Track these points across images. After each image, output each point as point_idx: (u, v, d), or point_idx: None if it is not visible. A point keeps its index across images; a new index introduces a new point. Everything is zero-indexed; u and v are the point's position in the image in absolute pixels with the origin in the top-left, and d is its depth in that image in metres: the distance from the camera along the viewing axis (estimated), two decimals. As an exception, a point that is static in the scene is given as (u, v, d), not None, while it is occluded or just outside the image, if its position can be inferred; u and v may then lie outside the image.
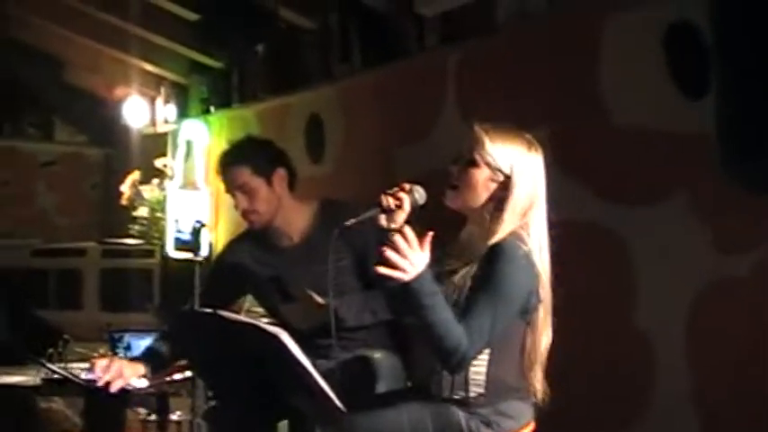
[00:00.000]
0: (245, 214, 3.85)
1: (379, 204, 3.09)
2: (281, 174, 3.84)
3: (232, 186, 3.85)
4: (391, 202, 3.09)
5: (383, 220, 3.09)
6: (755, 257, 3.78)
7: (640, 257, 4.27)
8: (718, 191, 3.68)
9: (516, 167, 3.10)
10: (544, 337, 3.11)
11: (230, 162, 3.88)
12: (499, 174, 3.07)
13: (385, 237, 3.01)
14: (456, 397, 3.05)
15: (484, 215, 3.10)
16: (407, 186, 3.12)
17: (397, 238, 2.77)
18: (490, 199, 3.09)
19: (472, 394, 3.05)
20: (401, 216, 3.10)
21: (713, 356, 3.94)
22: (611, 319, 4.36)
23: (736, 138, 3.25)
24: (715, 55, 3.34)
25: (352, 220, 3.05)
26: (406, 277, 2.75)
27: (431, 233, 2.87)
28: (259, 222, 3.85)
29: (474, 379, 3.04)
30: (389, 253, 2.74)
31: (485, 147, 3.08)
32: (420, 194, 3.12)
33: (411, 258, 2.77)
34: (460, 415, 3.02)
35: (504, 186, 3.09)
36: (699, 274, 4.00)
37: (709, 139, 3.37)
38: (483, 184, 3.08)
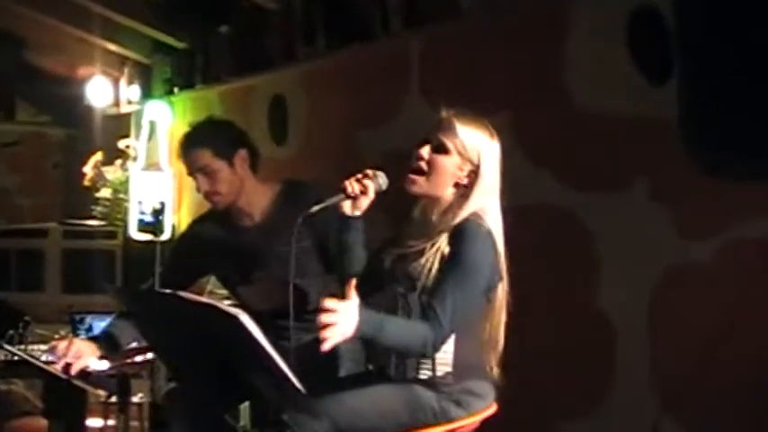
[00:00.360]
0: (207, 196, 3.82)
1: (344, 190, 3.09)
2: (242, 155, 3.81)
3: (193, 168, 3.81)
4: (356, 187, 3.09)
5: (347, 206, 3.10)
6: (717, 243, 3.81)
7: (603, 242, 4.29)
8: (681, 176, 3.70)
9: (483, 155, 3.11)
10: (503, 315, 3.12)
11: (191, 144, 3.83)
12: (468, 162, 3.08)
13: (346, 221, 3.05)
14: (423, 377, 3.05)
15: (444, 198, 3.10)
16: (371, 172, 3.12)
17: (327, 304, 2.75)
18: (455, 185, 3.10)
19: (440, 373, 3.05)
20: (365, 202, 3.12)
21: (675, 340, 3.97)
22: (573, 303, 4.38)
23: (697, 123, 3.26)
24: (677, 40, 3.35)
25: (317, 207, 3.06)
26: (350, 335, 2.77)
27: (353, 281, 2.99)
28: (222, 203, 3.82)
29: (441, 358, 3.04)
30: (325, 318, 2.73)
31: (457, 134, 3.08)
32: (383, 180, 3.13)
33: (345, 316, 2.76)
34: (429, 395, 3.02)
35: (471, 173, 3.10)
36: (661, 258, 4.03)
37: (671, 125, 3.39)
38: (452, 172, 3.08)
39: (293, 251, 3.01)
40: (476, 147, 3.10)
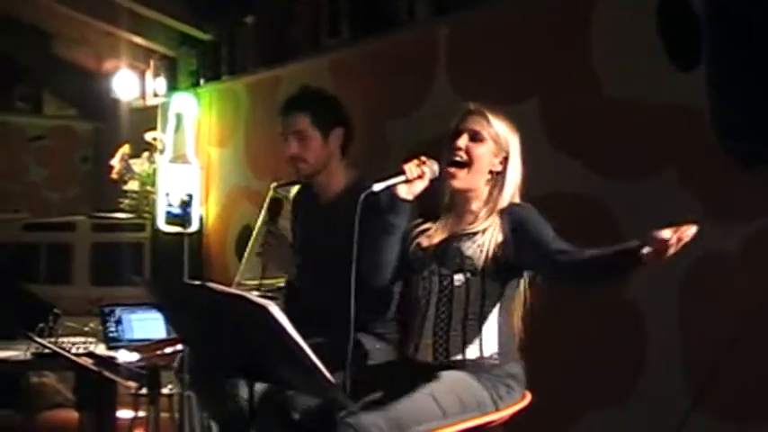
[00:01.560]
0: (292, 160, 3.85)
1: (403, 173, 3.12)
2: (338, 133, 3.86)
3: (289, 131, 3.85)
4: (415, 171, 3.12)
5: (403, 189, 3.12)
6: (746, 230, 3.78)
7: (631, 230, 4.24)
8: (709, 163, 3.67)
9: (510, 142, 3.22)
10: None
11: (293, 107, 3.88)
12: (501, 150, 3.15)
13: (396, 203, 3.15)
14: (470, 357, 3.06)
15: (481, 188, 3.17)
16: (424, 159, 3.15)
17: None
18: (489, 173, 3.18)
19: (486, 354, 3.07)
20: (419, 186, 3.15)
21: (704, 328, 3.94)
22: (603, 293, 4.35)
23: (727, 110, 3.24)
24: (706, 27, 3.33)
25: (380, 186, 3.10)
26: None
27: None
28: (304, 171, 3.86)
29: (487, 338, 3.08)
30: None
31: (490, 122, 3.15)
32: (436, 167, 3.17)
33: None
34: (478, 385, 3.05)
35: (504, 160, 3.21)
36: (690, 246, 3.99)
37: (701, 112, 3.36)
38: (489, 160, 3.15)
39: (357, 229, 3.05)
40: (505, 133, 3.21)
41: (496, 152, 3.19)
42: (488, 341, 3.10)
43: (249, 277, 5.01)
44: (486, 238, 3.11)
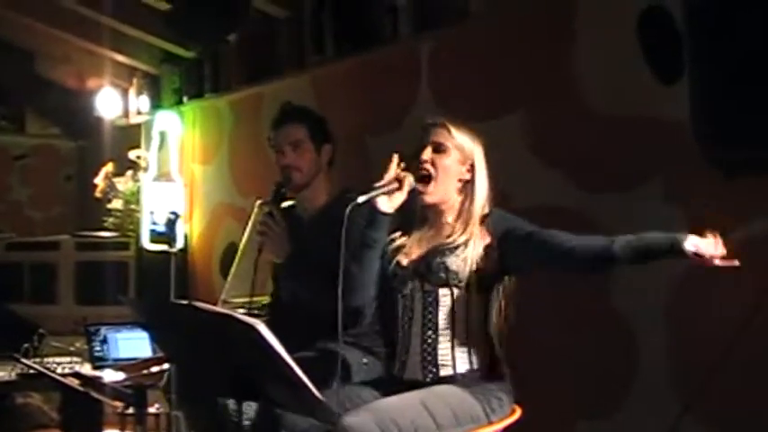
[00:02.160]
0: (287, 168, 3.90)
1: (385, 184, 3.13)
2: (327, 149, 3.96)
3: (285, 140, 3.92)
4: (395, 182, 3.13)
5: (383, 202, 3.13)
6: (732, 241, 3.79)
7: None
8: (694, 175, 3.69)
9: (475, 151, 3.25)
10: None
11: (290, 118, 3.98)
12: (467, 158, 3.16)
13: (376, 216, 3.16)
14: (444, 374, 3.07)
15: (453, 199, 3.17)
16: (402, 168, 3.18)
17: None
18: (458, 181, 3.18)
19: (461, 370, 3.07)
20: (399, 199, 3.16)
21: (691, 340, 3.95)
22: (590, 303, 4.37)
23: (709, 122, 3.25)
24: (688, 40, 3.34)
25: (364, 198, 3.12)
26: None
27: None
28: (297, 180, 3.90)
29: (460, 357, 3.08)
30: None
31: (451, 132, 3.19)
32: (412, 180, 3.17)
33: None
34: (476, 396, 3.04)
35: (471, 167, 3.23)
36: (676, 259, 4.00)
37: (683, 124, 3.38)
38: (456, 169, 3.16)
39: (343, 241, 3.06)
40: (468, 143, 3.24)
41: (462, 161, 3.21)
42: (477, 353, 3.10)
43: (235, 295, 4.99)
44: (469, 250, 3.12)
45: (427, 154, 3.19)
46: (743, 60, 3.14)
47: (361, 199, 3.10)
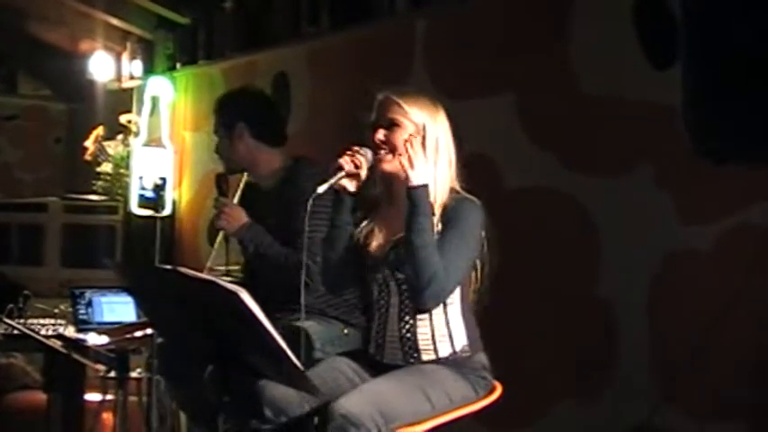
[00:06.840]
0: (221, 159, 4.25)
1: (341, 168, 3.10)
2: (240, 128, 4.09)
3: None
4: (351, 164, 3.10)
5: (349, 183, 3.11)
6: (718, 229, 3.81)
7: (604, 227, 4.29)
8: (683, 162, 3.69)
9: (435, 123, 3.17)
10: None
11: (213, 110, 4.29)
12: (422, 129, 3.10)
13: (341, 199, 3.16)
14: (443, 354, 3.07)
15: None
16: (358, 148, 3.14)
17: None
18: None
19: (458, 348, 3.07)
20: (362, 177, 3.13)
21: (674, 326, 3.97)
22: (574, 288, 4.38)
23: (701, 108, 3.25)
24: (682, 25, 3.34)
25: (324, 186, 3.10)
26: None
27: None
28: (232, 167, 4.21)
29: (456, 331, 3.07)
30: None
31: (402, 106, 3.14)
32: (370, 155, 3.15)
33: None
34: (466, 377, 3.06)
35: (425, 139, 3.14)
36: (662, 244, 4.02)
37: (675, 110, 3.38)
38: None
39: (306, 231, 3.13)
40: (423, 113, 3.16)
41: (416, 132, 3.12)
42: (457, 335, 3.09)
43: (221, 263, 4.99)
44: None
45: (380, 135, 3.16)
46: (736, 48, 3.14)
47: (320, 189, 3.09)
